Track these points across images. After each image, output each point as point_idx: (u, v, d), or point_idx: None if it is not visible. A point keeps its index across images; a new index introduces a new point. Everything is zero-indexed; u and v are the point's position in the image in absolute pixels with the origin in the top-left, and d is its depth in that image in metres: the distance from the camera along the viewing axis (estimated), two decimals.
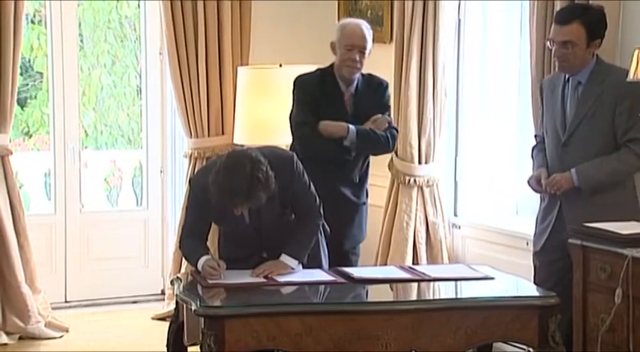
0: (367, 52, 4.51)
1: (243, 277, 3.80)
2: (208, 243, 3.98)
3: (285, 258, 3.89)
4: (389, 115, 4.63)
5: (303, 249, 3.95)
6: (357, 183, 4.58)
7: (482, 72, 5.42)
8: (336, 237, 4.25)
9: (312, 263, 4.01)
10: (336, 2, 6.07)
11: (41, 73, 6.42)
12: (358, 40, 4.48)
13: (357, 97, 4.55)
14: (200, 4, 5.67)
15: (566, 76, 4.11)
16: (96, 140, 6.67)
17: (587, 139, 4.03)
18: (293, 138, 4.66)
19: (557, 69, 4.14)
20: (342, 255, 4.45)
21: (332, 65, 4.59)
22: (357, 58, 4.47)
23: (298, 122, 4.54)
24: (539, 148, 4.32)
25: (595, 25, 3.99)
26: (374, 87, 4.59)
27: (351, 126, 4.44)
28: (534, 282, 4.16)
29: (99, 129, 6.68)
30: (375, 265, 5.22)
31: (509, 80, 5.29)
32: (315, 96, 4.51)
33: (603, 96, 4.00)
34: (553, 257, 4.13)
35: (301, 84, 4.61)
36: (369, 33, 4.53)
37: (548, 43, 4.11)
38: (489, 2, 5.35)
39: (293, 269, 3.88)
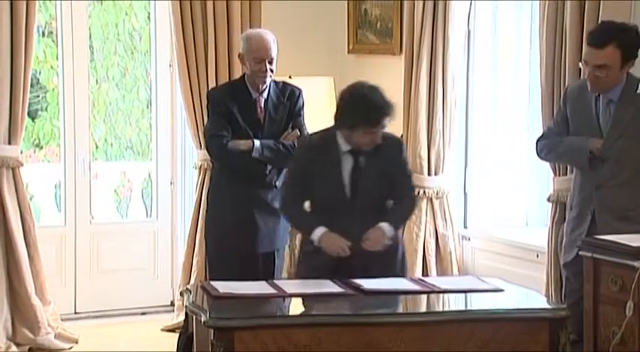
0: (275, 59, 4.57)
1: (254, 288, 3.80)
2: None
3: (383, 225, 3.99)
4: (302, 123, 4.69)
5: (401, 221, 4.16)
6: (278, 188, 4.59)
7: (491, 83, 5.42)
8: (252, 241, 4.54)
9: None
10: (346, 14, 6.08)
11: (46, 86, 6.45)
12: (265, 52, 4.53)
13: (270, 104, 4.61)
14: (210, 17, 5.69)
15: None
16: (106, 152, 6.69)
17: (621, 158, 3.98)
18: (207, 151, 4.84)
19: (589, 89, 4.02)
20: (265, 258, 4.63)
21: (243, 76, 4.67)
22: (267, 68, 4.53)
23: (212, 135, 4.61)
24: (557, 135, 4.17)
25: (631, 46, 3.91)
26: (287, 95, 4.66)
27: (256, 141, 4.53)
28: (564, 293, 4.13)
29: (109, 142, 6.69)
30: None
31: (519, 91, 5.29)
32: (227, 107, 4.56)
33: (638, 116, 3.94)
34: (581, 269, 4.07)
35: (213, 97, 4.68)
36: (273, 41, 4.58)
37: (581, 63, 4.01)
38: (499, 13, 5.36)
39: (389, 238, 3.98)
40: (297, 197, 4.10)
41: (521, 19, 5.24)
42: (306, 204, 4.15)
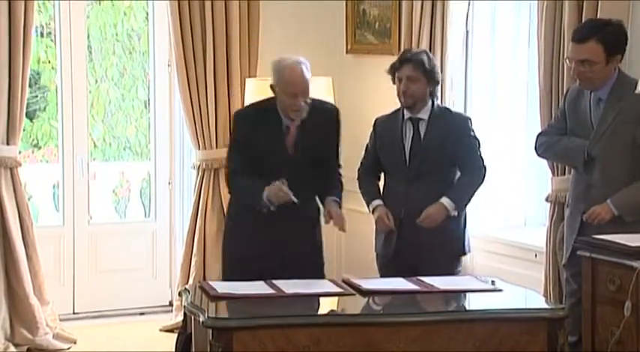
0: (310, 88, 4.15)
1: (252, 288, 3.80)
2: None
3: (445, 201, 4.25)
4: (338, 146, 4.32)
5: (466, 197, 4.37)
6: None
7: (490, 83, 5.42)
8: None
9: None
10: (344, 14, 6.09)
11: (47, 87, 6.44)
12: (299, 85, 4.11)
13: (302, 133, 4.18)
14: (208, 16, 5.69)
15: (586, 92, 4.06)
16: (104, 152, 6.68)
17: (607, 157, 3.99)
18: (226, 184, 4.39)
19: (578, 85, 4.06)
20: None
21: (275, 99, 4.20)
22: (302, 103, 4.11)
23: (231, 170, 4.26)
24: (557, 131, 4.18)
25: (613, 41, 3.92)
26: (322, 116, 4.24)
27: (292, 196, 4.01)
28: (564, 294, 4.13)
29: (107, 142, 6.69)
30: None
31: (518, 92, 5.29)
32: (252, 136, 4.14)
33: (622, 113, 3.95)
34: (579, 270, 4.08)
35: (238, 122, 4.30)
36: (307, 69, 4.15)
37: (567, 61, 4.05)
38: (497, 13, 5.36)
39: (449, 214, 4.32)
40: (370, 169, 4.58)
41: (519, 19, 5.24)
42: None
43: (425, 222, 4.36)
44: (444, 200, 4.38)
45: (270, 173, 4.06)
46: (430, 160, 4.40)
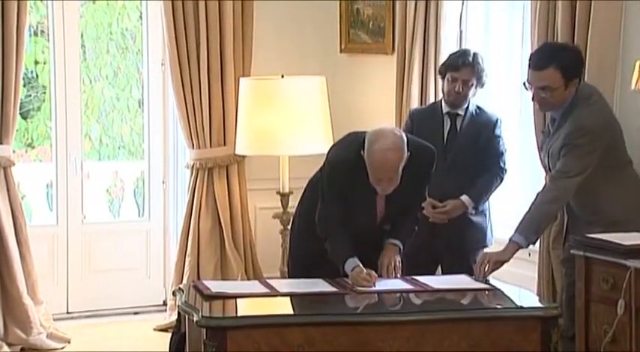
0: (399, 174, 3.80)
1: (246, 287, 3.80)
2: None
3: (465, 199, 4.49)
4: (425, 188, 4.12)
5: (485, 196, 4.56)
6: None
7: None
8: None
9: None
10: (338, 14, 6.09)
11: (45, 87, 6.42)
12: (385, 173, 3.77)
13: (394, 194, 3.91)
14: (202, 15, 5.69)
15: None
16: (98, 152, 6.68)
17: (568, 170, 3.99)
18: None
19: (542, 110, 4.18)
20: None
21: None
22: (389, 186, 3.84)
23: (320, 217, 3.97)
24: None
25: (570, 66, 3.95)
26: (415, 162, 3.87)
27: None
28: (561, 287, 4.17)
29: (101, 141, 6.68)
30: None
31: (512, 90, 5.30)
32: (343, 187, 3.91)
33: (562, 137, 3.97)
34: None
35: (332, 169, 3.95)
36: (401, 157, 3.76)
37: (525, 85, 4.06)
38: (491, 13, 5.36)
39: (468, 211, 4.51)
40: None
41: (513, 18, 5.24)
42: None
43: (436, 217, 4.49)
44: (464, 197, 4.57)
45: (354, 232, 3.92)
46: (464, 154, 4.59)
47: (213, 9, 5.70)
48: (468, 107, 4.66)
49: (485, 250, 4.67)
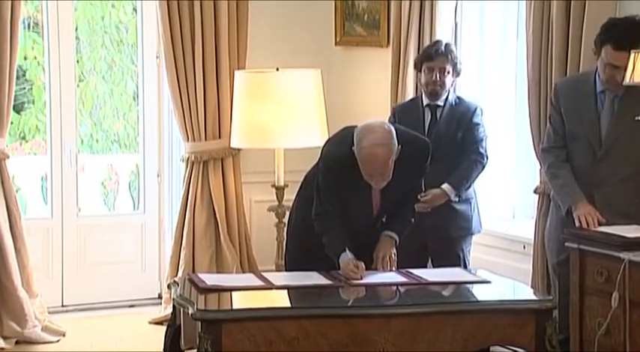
0: (391, 168, 3.82)
1: (241, 280, 3.81)
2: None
3: (446, 187, 4.49)
4: (421, 182, 4.18)
5: (465, 183, 4.54)
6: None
7: (479, 75, 5.43)
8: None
9: None
10: (333, 6, 6.08)
11: (31, 81, 6.42)
12: (376, 169, 3.79)
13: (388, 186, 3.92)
14: (197, 8, 5.68)
15: (597, 87, 4.04)
16: (93, 145, 6.67)
17: (624, 156, 3.98)
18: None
19: (604, 86, 4.00)
20: None
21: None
22: (381, 180, 3.85)
23: (316, 214, 4.00)
24: (559, 160, 4.16)
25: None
26: (412, 155, 3.90)
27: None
28: (559, 289, 4.13)
29: (95, 137, 6.68)
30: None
31: (507, 83, 5.30)
32: (339, 183, 3.93)
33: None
34: None
35: (325, 166, 3.98)
36: (391, 149, 3.79)
37: (602, 63, 3.94)
38: (486, 5, 5.36)
39: (450, 200, 4.51)
40: None
41: (508, 11, 5.24)
42: None
43: (419, 207, 4.38)
44: (445, 186, 4.58)
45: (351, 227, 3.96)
46: (444, 143, 4.57)
47: (208, 1, 5.69)
48: (447, 98, 4.69)
49: (473, 238, 4.69)
